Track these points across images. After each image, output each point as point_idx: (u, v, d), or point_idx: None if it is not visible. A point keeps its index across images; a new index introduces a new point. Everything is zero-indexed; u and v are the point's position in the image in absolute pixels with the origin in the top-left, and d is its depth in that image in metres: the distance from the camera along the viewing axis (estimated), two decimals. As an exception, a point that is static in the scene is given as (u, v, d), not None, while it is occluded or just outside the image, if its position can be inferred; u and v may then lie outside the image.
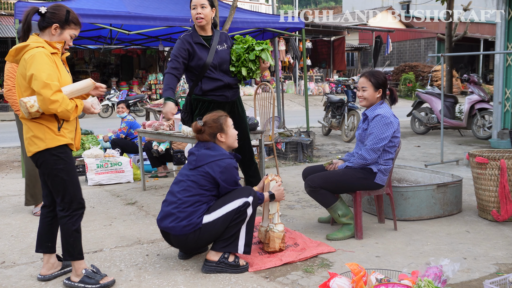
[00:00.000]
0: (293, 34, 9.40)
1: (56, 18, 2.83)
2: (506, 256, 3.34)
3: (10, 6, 19.74)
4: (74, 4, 6.77)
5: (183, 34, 4.13)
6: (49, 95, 2.67)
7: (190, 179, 3.13)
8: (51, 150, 2.82)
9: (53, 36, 2.86)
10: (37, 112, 2.74)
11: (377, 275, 2.62)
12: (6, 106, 18.05)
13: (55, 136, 2.82)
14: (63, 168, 2.85)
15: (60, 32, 2.86)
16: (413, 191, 4.19)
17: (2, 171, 7.22)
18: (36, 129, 2.80)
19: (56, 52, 2.86)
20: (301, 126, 10.35)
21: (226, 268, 3.10)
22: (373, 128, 3.67)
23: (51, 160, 2.83)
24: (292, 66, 23.67)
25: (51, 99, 2.68)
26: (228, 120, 3.32)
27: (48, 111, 2.73)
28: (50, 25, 2.83)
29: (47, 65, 2.72)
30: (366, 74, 3.78)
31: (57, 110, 2.72)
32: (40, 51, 2.74)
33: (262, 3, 29.84)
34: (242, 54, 4.14)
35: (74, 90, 2.86)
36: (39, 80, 2.67)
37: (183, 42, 4.05)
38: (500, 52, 8.10)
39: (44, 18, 2.83)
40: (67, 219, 2.89)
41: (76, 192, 2.92)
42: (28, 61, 2.71)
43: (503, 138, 8.04)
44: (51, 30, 2.84)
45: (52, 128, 2.82)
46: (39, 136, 2.80)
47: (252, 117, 5.16)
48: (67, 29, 2.88)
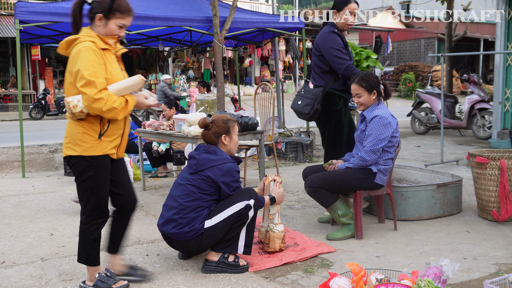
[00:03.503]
0: (293, 34, 9.39)
1: (100, 8, 2.60)
2: (506, 256, 3.34)
3: (10, 6, 19.74)
4: (74, 4, 6.76)
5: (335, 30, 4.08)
6: (93, 93, 2.48)
7: (191, 184, 3.12)
8: (85, 157, 2.65)
9: (98, 27, 2.63)
10: (81, 113, 2.55)
11: (377, 275, 2.62)
12: (6, 106, 18.06)
13: (93, 144, 2.63)
14: (92, 175, 2.68)
15: (105, 23, 2.62)
16: (413, 191, 4.19)
17: (2, 171, 7.22)
18: (75, 132, 2.64)
19: (107, 48, 2.65)
20: (301, 126, 10.35)
21: (226, 268, 3.10)
22: (371, 129, 3.67)
23: (83, 165, 2.66)
24: (292, 66, 23.66)
25: (95, 98, 2.48)
26: (236, 126, 3.33)
27: (93, 111, 2.53)
28: (95, 15, 2.61)
29: (92, 61, 2.52)
30: (356, 80, 3.73)
31: (102, 109, 2.51)
32: (87, 46, 2.53)
33: (262, 3, 29.83)
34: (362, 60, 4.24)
35: (122, 88, 2.63)
36: (83, 77, 2.48)
37: (340, 37, 4.05)
38: (500, 52, 8.10)
39: (91, 9, 2.62)
40: (87, 226, 2.76)
41: (100, 202, 2.75)
42: (74, 57, 2.53)
43: (503, 138, 8.04)
44: (96, 22, 2.62)
45: (92, 135, 2.63)
46: (76, 141, 2.63)
47: (252, 117, 5.16)
48: (112, 19, 2.62)
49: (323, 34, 4.10)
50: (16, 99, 18.30)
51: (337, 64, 4.00)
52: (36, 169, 7.44)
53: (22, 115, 7.16)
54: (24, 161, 6.85)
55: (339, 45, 4.01)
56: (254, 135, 5.07)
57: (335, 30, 4.08)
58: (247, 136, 5.06)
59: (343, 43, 4.06)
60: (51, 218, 4.50)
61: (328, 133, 4.18)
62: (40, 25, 6.99)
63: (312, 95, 4.11)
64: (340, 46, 4.01)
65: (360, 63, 4.20)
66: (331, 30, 4.08)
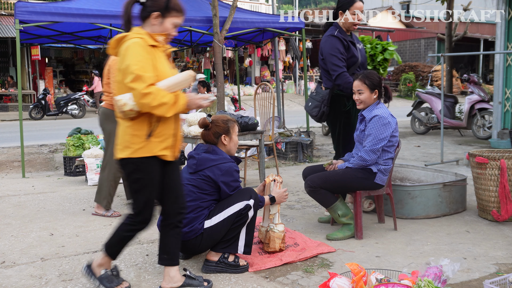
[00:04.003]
0: (293, 34, 9.39)
1: (156, 6, 2.59)
2: (506, 256, 3.34)
3: (10, 6, 19.74)
4: (74, 4, 6.77)
5: (336, 32, 4.09)
6: (141, 88, 2.43)
7: (191, 183, 3.12)
8: (133, 159, 2.59)
9: (154, 26, 2.61)
10: (131, 111, 2.49)
11: (377, 275, 2.62)
12: (6, 106, 18.06)
13: (142, 145, 2.57)
14: (139, 179, 2.62)
15: (161, 21, 2.61)
16: (420, 190, 4.23)
17: (2, 171, 7.22)
18: (124, 134, 2.60)
19: (156, 45, 2.61)
20: (301, 126, 10.35)
21: (226, 268, 3.10)
22: (371, 129, 3.67)
23: (131, 167, 2.62)
24: (292, 66, 23.66)
25: (143, 92, 2.43)
26: (236, 127, 3.32)
27: (142, 107, 2.47)
28: (150, 14, 2.59)
29: (141, 56, 2.48)
30: (360, 77, 3.75)
31: (151, 104, 2.45)
32: (135, 42, 2.52)
33: (262, 3, 29.81)
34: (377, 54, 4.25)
35: (172, 84, 2.54)
36: (131, 72, 2.44)
37: (339, 40, 4.06)
38: (500, 52, 8.10)
39: (144, 8, 2.61)
40: (126, 226, 2.73)
41: (145, 208, 2.67)
42: (123, 53, 2.51)
43: (503, 138, 8.04)
44: (151, 20, 2.61)
45: (140, 135, 2.57)
46: (125, 143, 2.59)
47: (252, 117, 5.16)
48: (168, 17, 2.61)
49: (324, 37, 4.15)
50: (16, 99, 18.31)
51: (331, 70, 4.06)
52: (36, 169, 7.44)
53: (22, 115, 7.16)
54: (24, 161, 6.85)
55: (336, 50, 4.02)
56: (254, 135, 5.07)
57: (335, 33, 4.08)
58: (247, 136, 5.07)
59: (343, 46, 4.06)
60: (51, 218, 4.50)
61: (338, 133, 4.23)
62: (40, 25, 6.99)
63: (320, 97, 4.19)
64: (336, 51, 4.02)
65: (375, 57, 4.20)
66: (331, 33, 4.09)
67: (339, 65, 4.00)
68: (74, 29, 8.64)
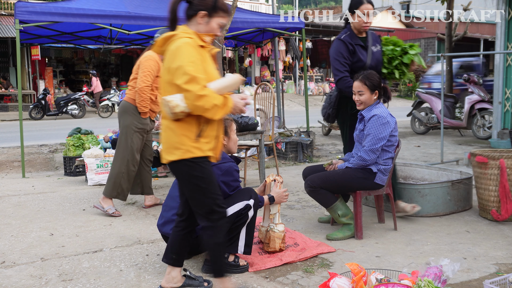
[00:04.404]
0: (293, 34, 9.39)
1: (204, 5, 2.55)
2: (506, 256, 3.34)
3: (10, 6, 19.74)
4: (74, 4, 6.77)
5: (343, 36, 4.11)
6: (197, 89, 2.39)
7: None
8: (185, 160, 2.53)
9: (199, 25, 2.57)
10: (182, 113, 2.45)
11: (377, 275, 2.62)
12: (6, 106, 18.06)
13: (193, 145, 2.52)
14: (200, 175, 2.55)
15: (207, 21, 2.57)
16: (430, 188, 4.29)
17: (2, 171, 7.22)
18: (172, 136, 2.53)
19: (204, 45, 2.58)
20: (301, 126, 10.35)
21: (226, 268, 3.09)
22: (370, 129, 3.67)
23: (185, 168, 2.54)
24: (292, 66, 23.66)
25: (199, 94, 2.38)
26: (233, 125, 3.31)
27: (195, 109, 2.43)
28: (197, 13, 2.55)
29: (194, 57, 2.44)
30: (360, 77, 3.74)
31: (205, 106, 2.41)
32: (187, 42, 2.48)
33: (262, 3, 29.81)
34: (395, 57, 4.18)
35: (222, 87, 2.51)
36: (186, 73, 2.39)
37: (344, 44, 4.06)
38: (500, 52, 8.10)
39: (191, 6, 2.57)
40: (209, 230, 2.61)
41: (214, 201, 2.59)
42: (174, 53, 2.46)
43: (503, 138, 8.04)
44: (197, 19, 2.56)
45: (190, 136, 2.52)
46: (175, 145, 2.52)
47: (252, 117, 5.17)
48: (215, 17, 2.57)
49: (334, 40, 4.21)
50: (16, 99, 18.30)
51: (333, 74, 4.14)
52: (36, 169, 7.44)
53: (22, 115, 7.16)
54: (24, 161, 6.85)
55: (339, 54, 4.06)
56: (254, 135, 5.07)
57: (342, 36, 4.11)
58: (247, 136, 5.07)
59: (348, 50, 4.05)
60: (51, 218, 4.50)
61: (345, 134, 4.30)
62: (40, 25, 6.99)
63: (329, 99, 4.29)
64: (339, 56, 4.05)
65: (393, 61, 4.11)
66: (339, 37, 4.14)
67: (340, 70, 4.04)
68: (74, 29, 8.64)
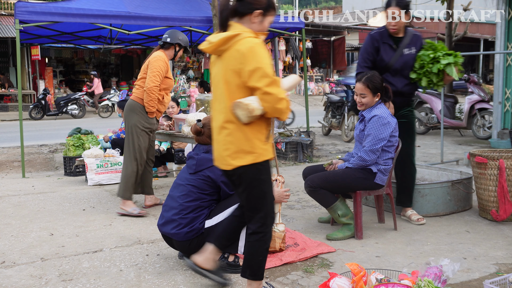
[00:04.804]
0: (293, 34, 9.40)
1: (259, 4, 2.46)
2: (506, 256, 3.34)
3: (10, 6, 19.73)
4: (74, 4, 6.77)
5: (374, 31, 4.10)
6: (278, 92, 2.34)
7: (191, 184, 3.12)
8: (256, 164, 2.46)
9: (253, 24, 2.47)
10: (255, 116, 2.38)
11: (377, 275, 2.62)
12: (6, 106, 18.05)
13: (264, 148, 2.47)
14: (264, 179, 2.51)
15: (261, 20, 2.48)
16: (430, 188, 4.28)
17: (2, 171, 7.22)
18: (242, 140, 2.44)
19: None
20: (301, 126, 10.35)
21: (226, 268, 3.10)
22: (370, 129, 3.67)
23: (254, 172, 2.48)
24: (292, 66, 23.66)
25: (280, 97, 2.34)
26: None
27: (274, 112, 2.38)
28: (252, 11, 2.45)
29: (268, 59, 2.37)
30: (363, 80, 3.74)
31: (283, 109, 2.38)
32: (258, 42, 2.39)
33: (262, 3, 29.83)
34: (426, 64, 3.96)
35: (287, 88, 2.50)
36: (266, 75, 2.32)
37: (371, 40, 4.06)
38: (500, 52, 8.10)
39: (244, 3, 2.46)
40: (261, 235, 2.55)
41: (272, 206, 2.58)
42: (246, 54, 2.35)
43: (503, 138, 8.04)
44: (251, 18, 2.46)
45: (261, 139, 2.46)
46: (246, 149, 2.43)
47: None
48: (268, 16, 2.50)
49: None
50: (16, 99, 18.30)
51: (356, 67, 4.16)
52: (36, 169, 7.44)
53: (22, 115, 7.16)
54: (24, 161, 6.85)
55: (364, 49, 4.09)
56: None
57: (373, 32, 4.13)
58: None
59: (373, 47, 4.02)
60: (51, 218, 4.50)
61: None
62: (40, 25, 6.99)
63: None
64: (364, 50, 4.09)
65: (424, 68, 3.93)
66: (371, 31, 4.17)
67: (361, 65, 4.08)
68: (74, 29, 8.64)
